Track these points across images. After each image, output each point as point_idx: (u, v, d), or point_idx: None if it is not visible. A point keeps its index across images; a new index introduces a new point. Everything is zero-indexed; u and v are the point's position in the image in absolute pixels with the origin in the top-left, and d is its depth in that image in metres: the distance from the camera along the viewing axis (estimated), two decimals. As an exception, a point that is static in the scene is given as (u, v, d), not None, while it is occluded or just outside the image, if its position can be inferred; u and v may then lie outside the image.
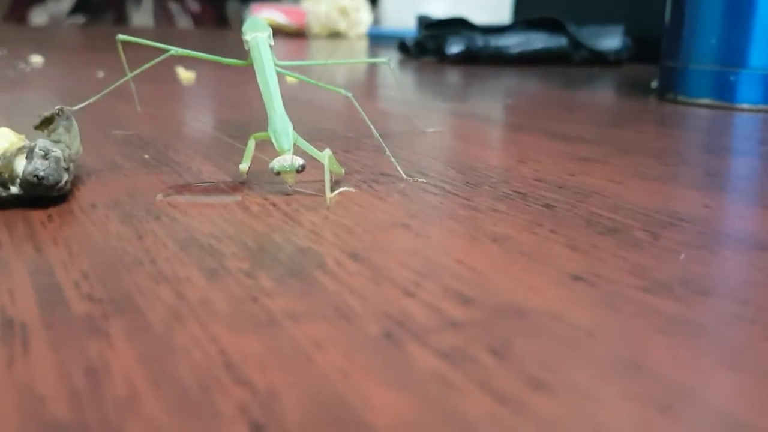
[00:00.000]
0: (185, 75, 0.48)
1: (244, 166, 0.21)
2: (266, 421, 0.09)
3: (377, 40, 1.09)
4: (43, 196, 0.19)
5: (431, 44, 0.78)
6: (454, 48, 0.73)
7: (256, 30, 0.23)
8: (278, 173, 0.20)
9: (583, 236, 0.17)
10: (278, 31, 1.20)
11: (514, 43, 0.74)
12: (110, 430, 0.09)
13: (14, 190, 0.19)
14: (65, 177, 0.19)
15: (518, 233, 0.18)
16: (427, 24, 0.82)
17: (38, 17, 1.33)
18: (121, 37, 0.24)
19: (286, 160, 0.20)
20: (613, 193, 0.22)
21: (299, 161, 0.20)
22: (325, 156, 0.20)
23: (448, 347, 0.12)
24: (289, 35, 1.19)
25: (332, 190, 0.20)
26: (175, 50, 0.22)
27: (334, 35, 1.21)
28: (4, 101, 0.39)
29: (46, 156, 0.19)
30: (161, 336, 0.12)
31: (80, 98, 0.25)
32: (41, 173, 0.19)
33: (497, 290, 0.14)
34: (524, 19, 0.78)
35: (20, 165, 0.19)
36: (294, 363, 0.11)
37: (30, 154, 0.19)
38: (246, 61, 0.23)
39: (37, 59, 0.56)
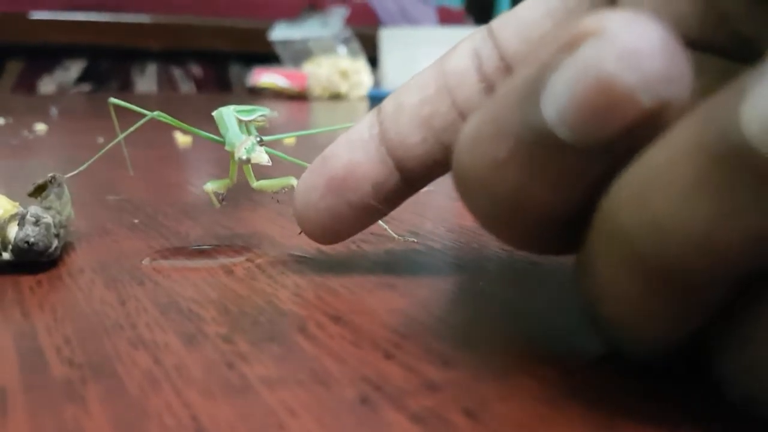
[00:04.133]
0: (182, 139, 0.49)
1: (209, 186, 0.21)
2: (231, 490, 0.09)
3: (377, 101, 1.11)
4: (34, 261, 0.19)
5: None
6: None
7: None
8: (248, 159, 0.20)
9: (566, 293, 0.17)
10: (280, 95, 1.23)
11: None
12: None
13: (6, 256, 0.19)
14: (55, 243, 0.19)
15: (503, 291, 0.18)
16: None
17: (46, 86, 1.37)
18: (112, 100, 0.24)
19: (245, 143, 0.20)
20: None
21: (256, 137, 0.20)
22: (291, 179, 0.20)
23: (424, 410, 0.11)
24: (291, 98, 1.21)
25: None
26: (158, 113, 0.23)
27: (335, 97, 1.23)
28: (5, 169, 0.39)
29: (37, 222, 0.19)
30: (136, 401, 0.12)
31: (78, 164, 0.25)
32: (32, 239, 0.19)
33: (477, 350, 0.14)
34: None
35: (12, 232, 0.19)
36: (265, 430, 0.11)
37: (22, 220, 0.19)
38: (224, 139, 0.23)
39: (41, 127, 0.57)
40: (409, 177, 0.18)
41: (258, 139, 0.20)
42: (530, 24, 0.17)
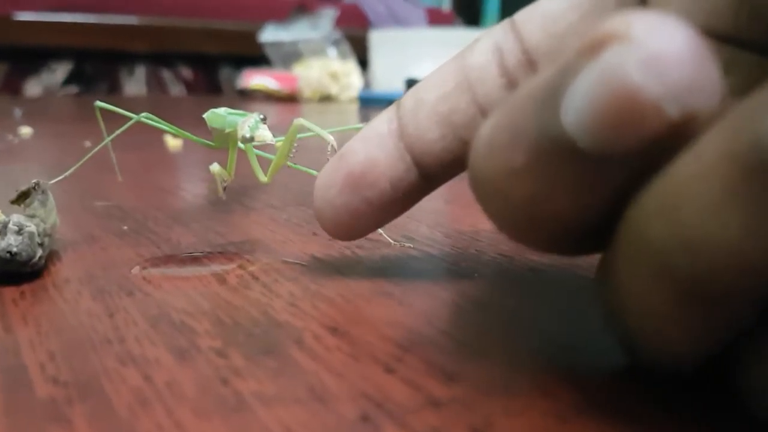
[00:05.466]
0: (172, 142, 0.48)
1: (216, 167, 0.20)
2: None
3: (368, 102, 1.11)
4: (16, 272, 0.18)
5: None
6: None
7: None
8: (251, 137, 0.19)
9: (569, 301, 0.17)
10: (270, 97, 1.22)
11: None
12: None
13: (-13, 266, 0.18)
14: (39, 252, 0.19)
15: (504, 299, 0.17)
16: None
17: (32, 89, 1.35)
18: (98, 103, 0.24)
19: (248, 121, 0.20)
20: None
21: (259, 114, 0.20)
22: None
23: (428, 428, 0.11)
24: (281, 100, 1.20)
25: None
26: (145, 115, 0.22)
27: (326, 99, 1.23)
28: (-11, 173, 0.39)
29: (19, 232, 0.18)
30: (125, 422, 0.11)
31: (65, 169, 0.25)
32: (14, 249, 0.18)
33: (482, 363, 0.13)
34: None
35: (-6, 241, 0.18)
36: (262, 452, 0.10)
37: (3, 229, 0.18)
38: (215, 143, 0.22)
39: (26, 131, 0.56)
40: (428, 173, 0.17)
41: (261, 116, 0.20)
42: (555, 16, 0.16)
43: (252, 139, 0.20)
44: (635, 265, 0.10)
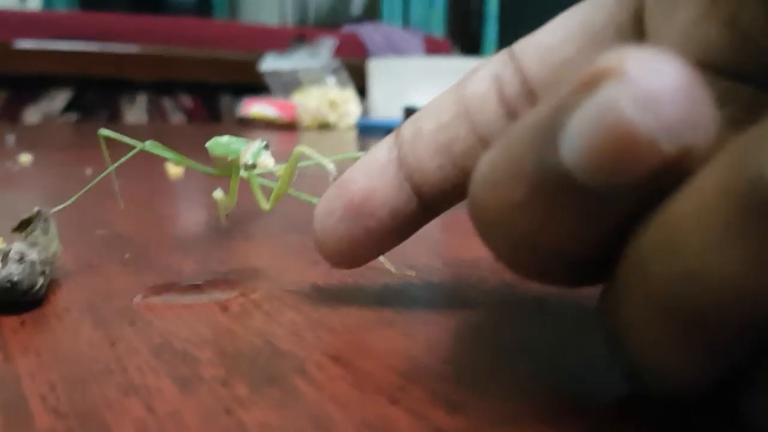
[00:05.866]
0: (174, 170, 0.48)
1: (219, 194, 0.20)
2: None
3: (366, 130, 1.11)
4: (17, 301, 0.18)
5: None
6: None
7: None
8: (254, 164, 0.19)
9: (572, 330, 0.17)
10: (270, 125, 1.22)
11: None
12: None
13: (-13, 295, 0.18)
14: (40, 281, 0.19)
15: (506, 328, 0.17)
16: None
17: (32, 116, 1.36)
18: (102, 132, 0.24)
19: (251, 147, 0.20)
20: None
21: (261, 141, 0.20)
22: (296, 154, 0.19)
23: (434, 460, 0.11)
24: (281, 128, 1.21)
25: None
26: (150, 143, 0.22)
27: (324, 127, 1.23)
28: (-10, 201, 0.39)
29: (21, 260, 0.18)
30: (127, 455, 0.11)
31: (65, 197, 0.25)
32: (15, 278, 0.18)
33: (486, 393, 0.13)
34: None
35: (-5, 269, 0.18)
36: (267, 484, 0.10)
37: (5, 258, 0.18)
38: (217, 171, 0.22)
39: (25, 158, 0.56)
40: (427, 202, 0.17)
41: (264, 143, 0.20)
42: (550, 49, 0.16)
43: (255, 165, 0.20)
44: (636, 296, 0.10)
